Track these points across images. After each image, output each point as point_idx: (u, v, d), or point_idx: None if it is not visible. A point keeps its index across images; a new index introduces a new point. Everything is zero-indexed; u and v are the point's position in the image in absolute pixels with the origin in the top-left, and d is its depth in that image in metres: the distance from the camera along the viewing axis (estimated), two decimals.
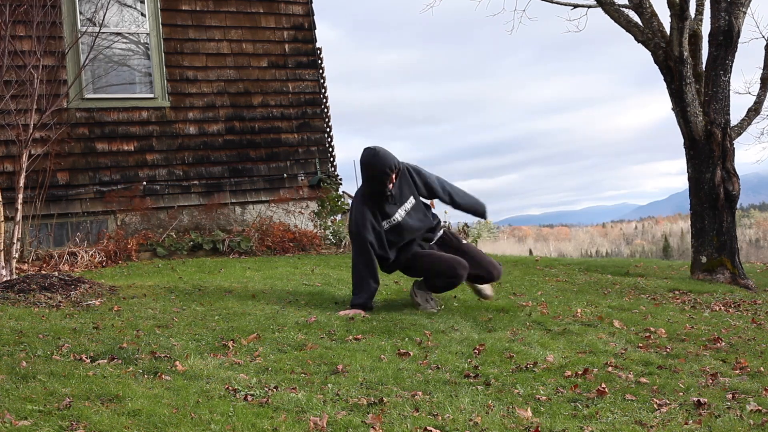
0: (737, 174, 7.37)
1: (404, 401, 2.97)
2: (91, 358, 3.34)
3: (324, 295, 5.25)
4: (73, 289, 5.03)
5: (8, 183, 7.35)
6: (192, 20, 8.65)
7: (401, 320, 4.47)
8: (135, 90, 8.42)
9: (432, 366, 3.52)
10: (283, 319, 4.38)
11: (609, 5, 7.76)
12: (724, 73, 7.32)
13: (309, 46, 9.27)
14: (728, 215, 7.31)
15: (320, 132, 9.28)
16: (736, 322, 4.97)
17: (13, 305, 4.57)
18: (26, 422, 2.47)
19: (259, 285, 5.68)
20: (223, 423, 2.60)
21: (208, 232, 8.32)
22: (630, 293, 6.06)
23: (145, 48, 8.46)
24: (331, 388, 3.09)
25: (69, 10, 8.00)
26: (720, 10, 7.28)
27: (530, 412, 2.90)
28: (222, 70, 8.76)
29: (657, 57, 7.47)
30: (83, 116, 8.07)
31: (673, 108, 7.55)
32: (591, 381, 3.38)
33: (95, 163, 8.09)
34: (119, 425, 2.51)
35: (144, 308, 4.61)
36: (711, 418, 2.90)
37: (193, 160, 8.54)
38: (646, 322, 4.79)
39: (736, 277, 7.15)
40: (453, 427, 2.71)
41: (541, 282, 6.35)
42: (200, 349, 3.61)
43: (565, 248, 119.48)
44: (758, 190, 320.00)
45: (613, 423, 2.83)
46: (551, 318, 4.78)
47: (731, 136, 7.37)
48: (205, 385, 3.03)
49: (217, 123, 8.71)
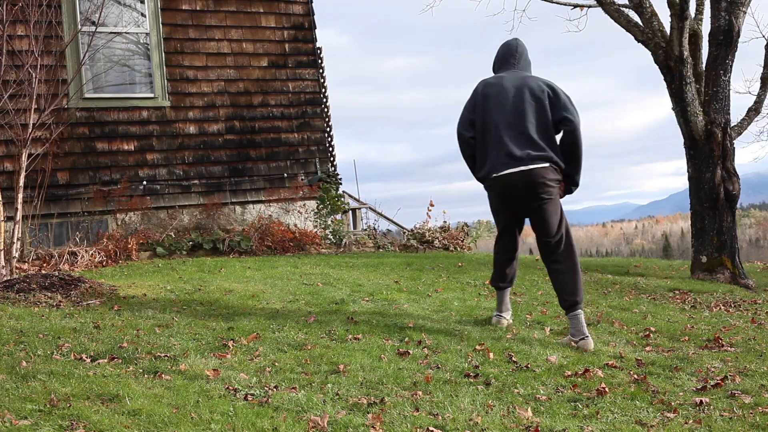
0: (737, 174, 7.37)
1: (404, 401, 2.97)
2: (91, 358, 3.34)
3: (324, 295, 5.25)
4: (73, 288, 5.03)
5: (8, 182, 7.35)
6: (192, 20, 8.65)
7: (401, 320, 4.47)
8: (135, 89, 8.42)
9: (432, 366, 3.52)
10: (283, 319, 4.38)
11: (609, 5, 7.76)
12: (724, 73, 7.32)
13: (309, 45, 9.27)
14: (728, 215, 7.31)
15: (320, 131, 9.28)
16: (736, 322, 4.97)
17: (13, 305, 4.57)
18: (26, 422, 2.47)
19: (259, 285, 5.68)
20: (223, 423, 2.60)
21: (208, 231, 8.32)
22: (630, 293, 6.06)
23: (145, 48, 8.45)
24: (331, 388, 3.09)
25: (69, 10, 7.99)
26: (720, 10, 7.28)
27: (530, 411, 2.90)
28: (222, 70, 8.76)
29: (657, 57, 7.47)
30: (83, 116, 8.06)
31: (673, 108, 7.55)
32: (591, 381, 3.38)
33: (95, 163, 8.08)
34: (119, 425, 2.51)
35: (144, 308, 4.61)
36: (711, 418, 2.90)
37: (193, 160, 8.54)
38: (646, 322, 4.79)
39: (736, 277, 7.15)
40: (453, 426, 2.71)
41: (541, 282, 6.34)
42: (200, 349, 3.61)
43: None
44: (758, 190, 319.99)
45: (613, 423, 2.83)
46: (551, 318, 4.78)
47: (731, 136, 7.37)
48: (205, 385, 3.02)
49: (217, 122, 8.71)
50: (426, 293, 5.49)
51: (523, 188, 4.08)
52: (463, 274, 6.60)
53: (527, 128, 4.09)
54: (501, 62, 4.39)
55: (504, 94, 4.17)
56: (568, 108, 4.12)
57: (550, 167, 4.07)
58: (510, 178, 4.08)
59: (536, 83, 4.17)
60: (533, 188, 4.07)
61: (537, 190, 4.08)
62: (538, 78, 4.23)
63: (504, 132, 4.12)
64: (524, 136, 4.08)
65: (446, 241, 9.51)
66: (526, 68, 4.35)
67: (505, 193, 4.18)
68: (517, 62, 4.34)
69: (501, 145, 4.12)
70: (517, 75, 4.25)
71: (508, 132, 4.12)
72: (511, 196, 4.18)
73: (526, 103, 4.12)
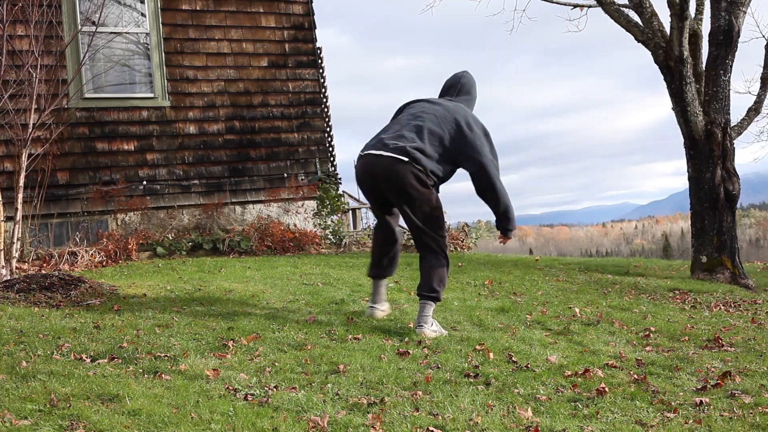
0: (737, 174, 7.37)
1: (404, 401, 2.97)
2: (92, 358, 3.34)
3: (324, 295, 5.25)
4: (73, 288, 5.03)
5: (8, 182, 7.35)
6: (192, 20, 8.65)
7: (401, 320, 4.47)
8: (135, 89, 8.42)
9: (432, 366, 3.52)
10: (283, 319, 4.39)
11: (609, 5, 7.76)
12: (724, 73, 7.32)
13: (309, 45, 9.27)
14: (728, 215, 7.31)
15: (320, 131, 9.28)
16: (736, 322, 4.97)
17: (13, 305, 4.57)
18: (26, 422, 2.47)
19: (259, 285, 5.68)
20: (223, 423, 2.60)
21: (208, 231, 8.32)
22: (630, 293, 6.06)
23: (145, 48, 8.45)
24: (331, 388, 3.09)
25: (69, 10, 8.00)
26: (720, 10, 7.28)
27: (530, 411, 2.90)
28: (222, 70, 8.76)
29: (657, 57, 7.47)
30: (83, 116, 8.07)
31: (673, 108, 7.55)
32: (591, 381, 3.38)
33: (95, 163, 8.09)
34: (119, 425, 2.51)
35: (144, 308, 4.61)
36: (711, 418, 2.90)
37: (193, 160, 8.54)
38: (646, 322, 4.79)
39: (736, 277, 7.15)
40: (453, 426, 2.71)
41: (541, 282, 6.35)
42: (200, 349, 3.61)
43: (566, 248, 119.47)
44: (758, 190, 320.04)
45: (613, 423, 2.83)
46: (551, 318, 4.78)
47: (731, 136, 7.37)
48: (205, 385, 3.02)
49: (217, 122, 8.71)
50: None
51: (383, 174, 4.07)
52: (463, 274, 6.60)
53: (413, 133, 4.12)
54: (443, 92, 4.51)
55: (420, 106, 4.28)
56: (476, 148, 4.09)
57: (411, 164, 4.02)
58: (370, 159, 4.11)
59: (454, 114, 4.18)
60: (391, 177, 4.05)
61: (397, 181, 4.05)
62: (465, 112, 4.25)
63: (391, 125, 4.24)
64: (403, 137, 4.11)
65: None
66: (464, 102, 4.40)
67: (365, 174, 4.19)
68: (457, 94, 4.43)
69: (381, 132, 4.23)
70: (446, 102, 4.33)
71: (393, 126, 4.22)
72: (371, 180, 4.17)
73: (428, 119, 4.16)
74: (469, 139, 4.10)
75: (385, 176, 4.07)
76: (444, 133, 4.12)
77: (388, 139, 4.12)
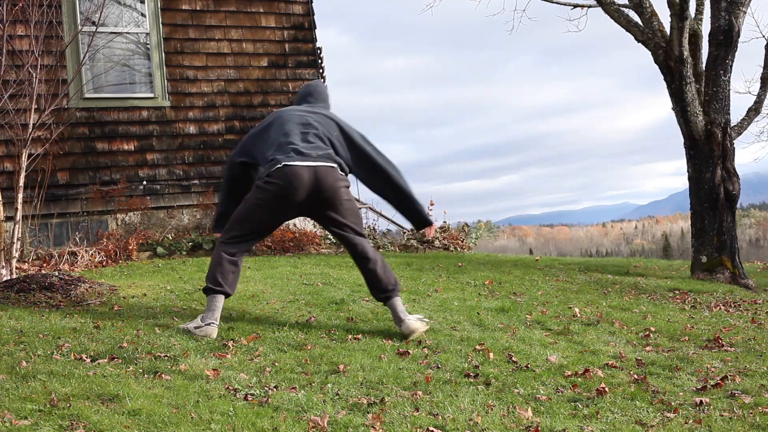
0: (737, 174, 7.37)
1: (404, 401, 2.97)
2: (92, 358, 3.34)
3: (324, 295, 5.25)
4: (73, 288, 5.03)
5: (8, 182, 7.35)
6: (192, 20, 8.65)
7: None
8: (135, 89, 8.42)
9: (432, 366, 3.52)
10: (283, 319, 4.39)
11: (609, 5, 7.76)
12: (724, 73, 7.32)
13: (309, 45, 9.27)
14: (728, 215, 7.32)
15: None
16: (736, 322, 4.97)
17: (13, 305, 4.57)
18: (26, 422, 2.47)
19: (259, 285, 5.68)
20: (223, 423, 2.60)
21: (208, 231, 8.32)
22: (630, 293, 6.06)
23: (145, 47, 8.45)
24: (331, 388, 3.09)
25: (69, 10, 8.00)
26: (720, 10, 7.28)
27: (530, 411, 2.90)
28: (222, 70, 8.76)
29: (657, 57, 7.47)
30: (83, 116, 8.06)
31: (673, 108, 7.55)
32: (591, 381, 3.38)
33: (95, 163, 8.08)
34: (119, 425, 2.51)
35: (144, 308, 4.61)
36: (711, 418, 2.90)
37: (194, 160, 8.54)
38: (646, 322, 4.80)
39: (736, 277, 7.15)
40: (453, 426, 2.71)
41: (541, 282, 6.35)
42: (200, 349, 3.61)
43: (566, 248, 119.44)
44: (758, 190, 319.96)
45: (613, 423, 2.83)
46: (551, 318, 4.78)
47: (731, 136, 7.37)
48: (205, 385, 3.02)
49: (217, 122, 8.71)
50: (426, 293, 5.49)
51: (316, 184, 4.06)
52: (463, 274, 6.60)
53: (317, 140, 4.16)
54: (301, 100, 4.56)
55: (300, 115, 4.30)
56: (364, 143, 4.28)
57: (337, 169, 4.12)
58: (298, 170, 4.03)
59: (332, 118, 4.33)
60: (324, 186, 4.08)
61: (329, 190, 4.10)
62: (336, 116, 4.40)
63: (289, 134, 4.19)
64: (314, 145, 4.14)
65: (446, 241, 9.51)
66: (325, 107, 4.52)
67: (296, 185, 4.06)
68: (315, 101, 4.51)
69: (285, 143, 4.13)
70: (319, 109, 4.42)
71: (292, 135, 4.18)
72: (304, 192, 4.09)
73: (317, 126, 4.23)
74: (356, 139, 4.27)
75: (318, 186, 4.06)
76: (332, 137, 4.25)
77: (304, 149, 4.09)
